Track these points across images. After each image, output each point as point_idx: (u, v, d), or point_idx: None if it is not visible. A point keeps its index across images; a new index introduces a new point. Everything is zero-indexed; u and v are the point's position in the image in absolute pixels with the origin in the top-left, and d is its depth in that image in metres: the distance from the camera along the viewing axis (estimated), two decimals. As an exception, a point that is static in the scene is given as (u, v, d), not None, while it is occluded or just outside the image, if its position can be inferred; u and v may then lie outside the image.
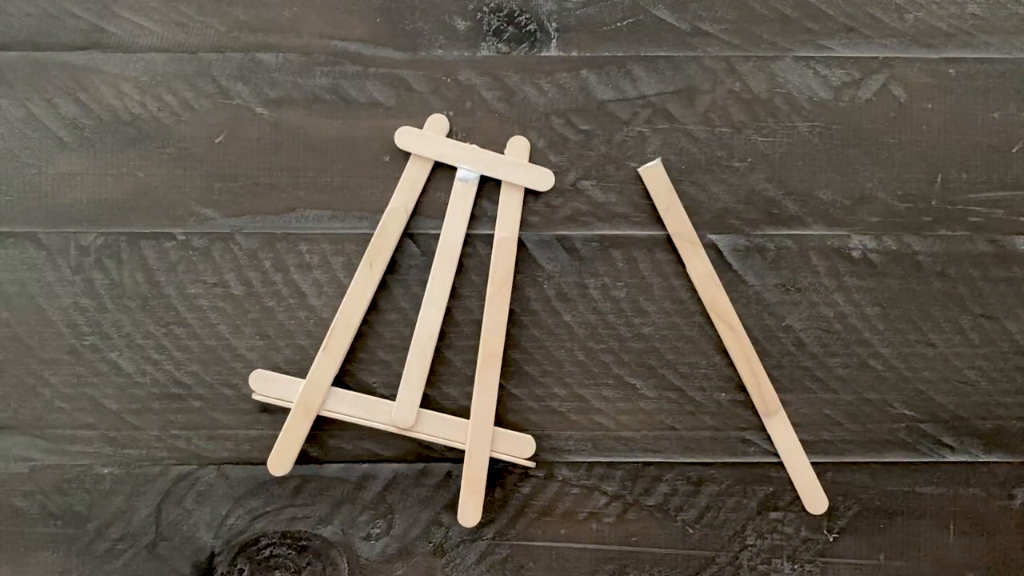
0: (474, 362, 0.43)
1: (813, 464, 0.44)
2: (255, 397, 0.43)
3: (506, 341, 0.43)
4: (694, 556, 0.44)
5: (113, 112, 0.44)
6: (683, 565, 0.44)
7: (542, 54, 0.44)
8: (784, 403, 0.44)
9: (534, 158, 0.44)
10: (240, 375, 0.44)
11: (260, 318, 0.44)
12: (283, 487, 0.44)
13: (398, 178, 0.44)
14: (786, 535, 0.44)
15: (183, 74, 0.44)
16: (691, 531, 0.44)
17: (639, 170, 0.43)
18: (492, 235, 0.44)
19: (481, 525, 0.44)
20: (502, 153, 0.44)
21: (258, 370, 0.43)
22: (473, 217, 0.44)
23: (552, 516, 0.44)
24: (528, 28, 0.44)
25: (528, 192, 0.44)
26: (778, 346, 0.44)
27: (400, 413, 0.43)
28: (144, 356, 0.44)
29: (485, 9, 0.44)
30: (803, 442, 0.44)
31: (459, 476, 0.43)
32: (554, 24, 0.44)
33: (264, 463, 0.43)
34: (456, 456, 0.43)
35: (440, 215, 0.44)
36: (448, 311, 0.44)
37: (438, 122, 0.44)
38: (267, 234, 0.44)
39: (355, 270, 0.43)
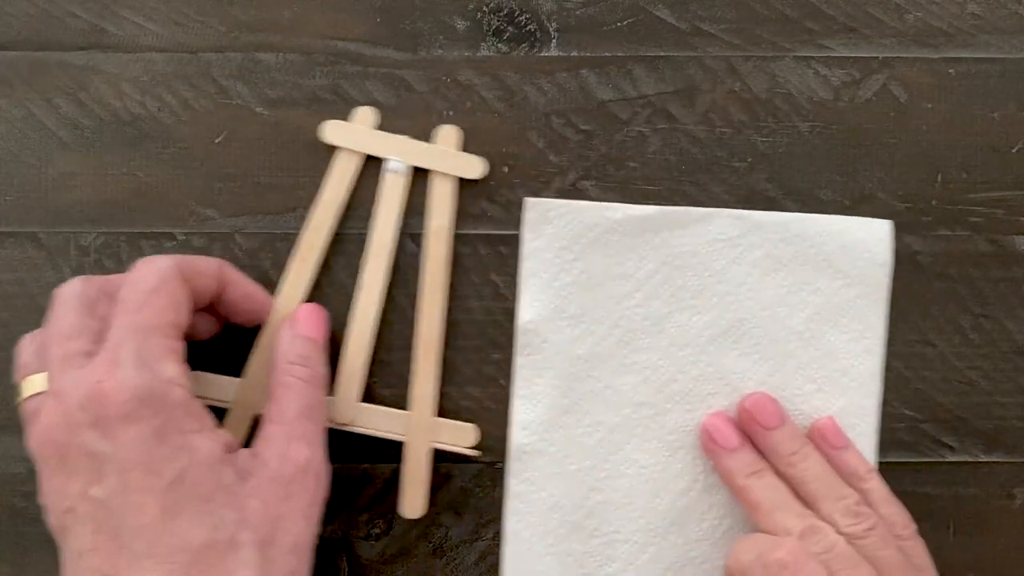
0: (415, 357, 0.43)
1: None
2: None
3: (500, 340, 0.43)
4: (694, 556, 0.44)
5: (113, 112, 0.44)
6: (683, 565, 0.44)
7: (542, 54, 0.44)
8: (784, 403, 0.44)
9: (534, 158, 0.44)
10: (240, 375, 0.43)
11: (260, 318, 0.44)
12: (283, 487, 0.44)
13: (398, 178, 0.44)
14: (786, 535, 0.44)
15: (183, 74, 0.44)
16: (691, 531, 0.44)
17: None
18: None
19: (481, 525, 0.44)
20: (502, 152, 0.44)
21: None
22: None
23: (552, 516, 0.44)
24: (528, 28, 0.44)
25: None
26: (778, 346, 0.44)
27: (339, 408, 0.42)
28: (144, 356, 0.43)
29: (485, 9, 0.44)
30: (803, 442, 0.44)
31: (459, 476, 0.43)
32: (554, 24, 0.44)
33: (264, 463, 0.43)
34: (457, 457, 0.43)
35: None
36: (386, 309, 0.43)
37: (366, 114, 0.43)
38: (267, 234, 0.44)
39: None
